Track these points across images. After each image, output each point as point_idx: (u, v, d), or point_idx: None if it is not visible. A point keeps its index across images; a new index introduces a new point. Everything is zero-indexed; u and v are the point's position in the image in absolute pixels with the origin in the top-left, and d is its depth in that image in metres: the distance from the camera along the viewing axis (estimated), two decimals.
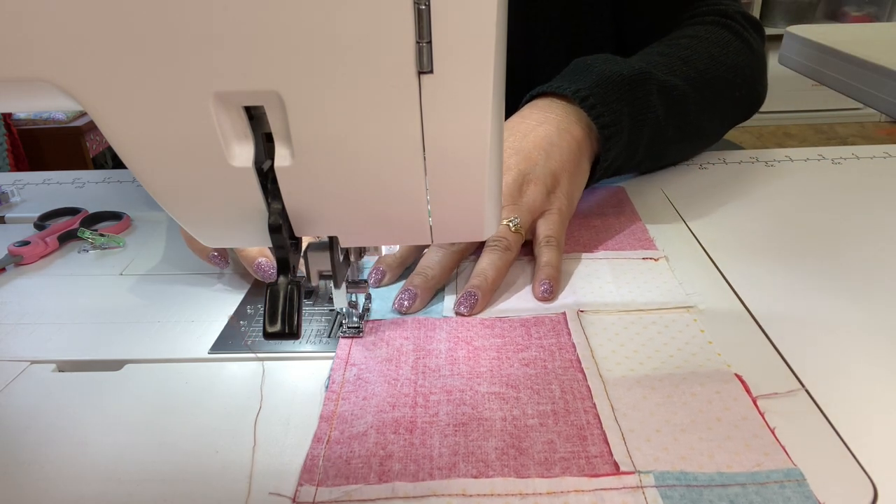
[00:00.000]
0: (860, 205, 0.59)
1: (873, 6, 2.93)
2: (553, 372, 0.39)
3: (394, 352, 0.41)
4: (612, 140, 0.55)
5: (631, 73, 0.57)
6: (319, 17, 0.23)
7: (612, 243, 0.54)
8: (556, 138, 0.53)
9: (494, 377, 0.39)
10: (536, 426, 0.35)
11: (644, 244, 0.53)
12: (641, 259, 0.51)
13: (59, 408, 0.38)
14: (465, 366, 0.40)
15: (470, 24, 0.24)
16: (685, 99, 0.61)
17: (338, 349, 0.41)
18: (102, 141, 2.03)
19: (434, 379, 0.39)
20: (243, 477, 0.33)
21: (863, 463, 0.32)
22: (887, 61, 0.79)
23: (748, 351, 0.40)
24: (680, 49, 0.64)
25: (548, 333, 0.42)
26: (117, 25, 0.23)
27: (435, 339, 0.42)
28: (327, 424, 0.35)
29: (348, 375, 0.39)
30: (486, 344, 0.42)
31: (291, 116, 0.26)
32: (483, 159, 0.28)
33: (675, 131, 0.62)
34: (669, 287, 0.47)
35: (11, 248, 0.54)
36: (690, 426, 0.34)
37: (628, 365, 0.39)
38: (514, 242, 0.48)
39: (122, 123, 0.26)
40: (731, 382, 0.37)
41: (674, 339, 0.41)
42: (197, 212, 0.30)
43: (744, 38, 0.68)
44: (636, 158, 0.61)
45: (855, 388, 0.37)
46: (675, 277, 0.48)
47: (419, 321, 0.44)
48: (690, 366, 0.39)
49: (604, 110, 0.55)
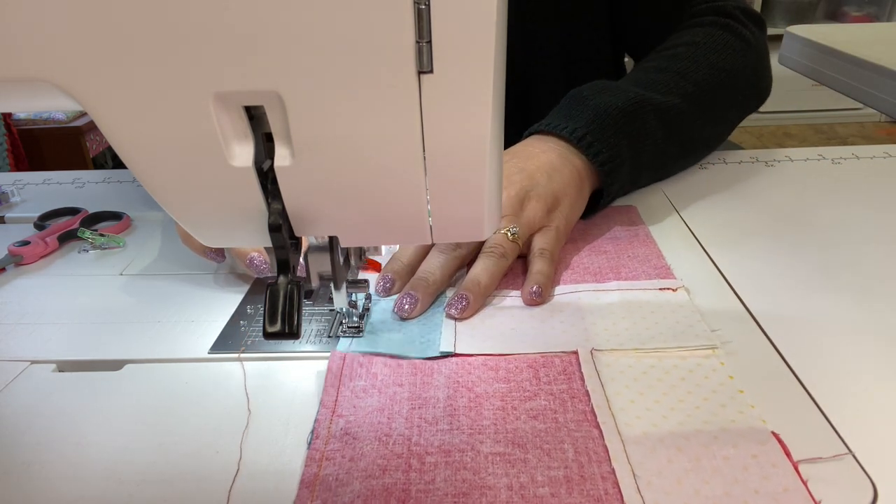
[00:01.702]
0: (860, 205, 0.59)
1: (873, 6, 2.93)
2: (565, 426, 0.35)
3: (386, 400, 0.37)
4: (612, 175, 0.56)
5: (626, 104, 0.57)
6: (319, 17, 0.23)
7: (626, 271, 0.49)
8: (559, 164, 0.54)
9: (499, 433, 0.34)
10: (547, 497, 0.31)
11: (660, 272, 0.49)
12: (658, 290, 0.47)
13: (59, 408, 0.38)
14: (465, 418, 0.35)
15: (470, 24, 0.24)
16: (683, 116, 0.61)
17: (323, 394, 0.37)
18: (102, 141, 2.03)
19: (431, 434, 0.34)
20: (243, 477, 0.33)
21: (863, 463, 0.32)
22: (887, 61, 0.79)
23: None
24: (677, 61, 0.64)
25: (558, 377, 0.38)
26: (117, 25, 0.23)
27: (432, 385, 0.38)
28: (308, 492, 0.31)
29: (334, 429, 0.35)
30: (489, 390, 0.38)
31: (291, 116, 0.26)
32: (483, 159, 0.28)
33: (677, 149, 0.63)
34: (691, 322, 0.43)
35: (11, 248, 0.54)
36: (725, 499, 0.30)
37: (650, 419, 0.35)
38: (510, 251, 0.48)
39: (122, 123, 0.26)
40: (769, 443, 0.33)
41: (699, 387, 0.37)
42: (197, 212, 0.30)
43: (743, 37, 0.67)
44: (641, 181, 0.62)
45: (855, 388, 0.37)
46: (697, 310, 0.44)
47: (415, 365, 0.40)
48: (720, 420, 0.34)
49: (601, 147, 0.55)
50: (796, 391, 0.37)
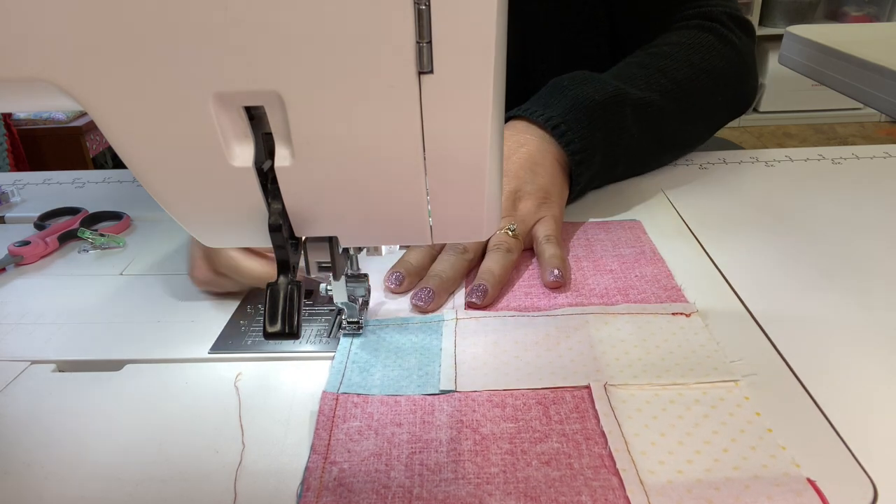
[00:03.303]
0: (860, 205, 0.59)
1: (873, 6, 2.93)
2: (581, 474, 0.32)
3: (384, 443, 0.34)
4: (582, 165, 0.58)
5: (604, 98, 0.58)
6: (319, 17, 0.23)
7: (635, 293, 0.46)
8: (539, 158, 0.56)
9: (509, 482, 0.31)
10: None
11: (671, 294, 0.46)
12: (671, 314, 0.43)
13: (59, 408, 0.38)
14: (471, 465, 0.33)
15: (470, 24, 0.24)
16: (661, 113, 0.63)
17: (314, 438, 0.34)
18: (102, 141, 2.03)
19: (433, 485, 0.31)
20: (243, 477, 0.33)
21: (863, 463, 0.32)
22: (887, 61, 0.79)
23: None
24: (659, 59, 0.66)
25: (570, 415, 0.35)
26: (117, 25, 0.23)
27: (434, 426, 0.35)
28: None
29: (327, 479, 0.32)
30: (496, 431, 0.35)
31: (291, 116, 0.26)
32: (483, 159, 0.28)
33: (653, 145, 0.65)
34: (708, 352, 0.40)
35: (11, 248, 0.54)
36: None
37: (674, 464, 0.32)
38: (514, 246, 0.50)
39: (122, 123, 0.26)
40: (806, 493, 0.30)
41: (725, 426, 0.34)
42: (197, 212, 0.30)
43: (727, 40, 0.69)
44: (615, 173, 0.64)
45: (855, 388, 0.37)
46: (713, 337, 0.41)
47: (415, 401, 0.37)
48: (752, 466, 0.32)
49: (574, 137, 0.57)
50: (797, 391, 0.37)
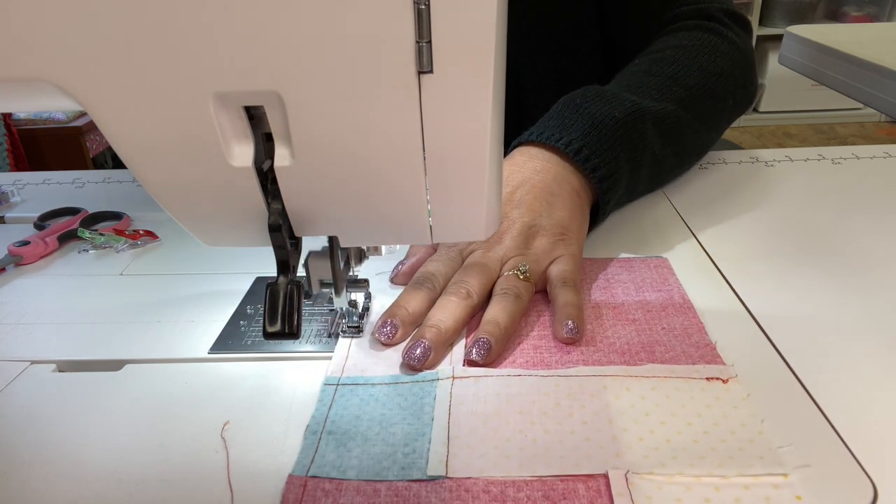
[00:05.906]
0: (860, 205, 0.59)
1: (873, 6, 2.93)
2: None
3: None
4: (609, 192, 0.53)
5: (624, 115, 0.54)
6: (319, 16, 0.23)
7: (662, 350, 0.40)
8: (556, 188, 0.50)
9: None
10: None
11: (704, 353, 0.39)
12: (705, 380, 0.37)
13: (59, 408, 0.38)
14: None
15: (470, 24, 0.24)
16: (679, 123, 0.59)
17: None
18: (102, 141, 2.03)
19: None
20: (243, 477, 0.33)
21: (863, 463, 0.32)
22: (887, 61, 0.79)
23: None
24: (667, 65, 0.62)
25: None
26: (117, 25, 0.23)
27: None
28: None
29: None
30: None
31: (291, 116, 0.26)
32: (483, 159, 0.28)
33: (674, 158, 0.61)
34: (750, 433, 0.33)
35: (11, 248, 0.54)
36: None
37: None
38: (525, 290, 0.44)
39: (122, 123, 0.26)
40: None
41: None
42: (197, 212, 0.30)
43: (729, 39, 0.66)
44: (635, 195, 0.60)
45: (855, 388, 0.37)
46: (755, 412, 0.35)
47: (397, 491, 0.31)
48: None
49: (599, 162, 0.52)
50: (797, 391, 0.37)
